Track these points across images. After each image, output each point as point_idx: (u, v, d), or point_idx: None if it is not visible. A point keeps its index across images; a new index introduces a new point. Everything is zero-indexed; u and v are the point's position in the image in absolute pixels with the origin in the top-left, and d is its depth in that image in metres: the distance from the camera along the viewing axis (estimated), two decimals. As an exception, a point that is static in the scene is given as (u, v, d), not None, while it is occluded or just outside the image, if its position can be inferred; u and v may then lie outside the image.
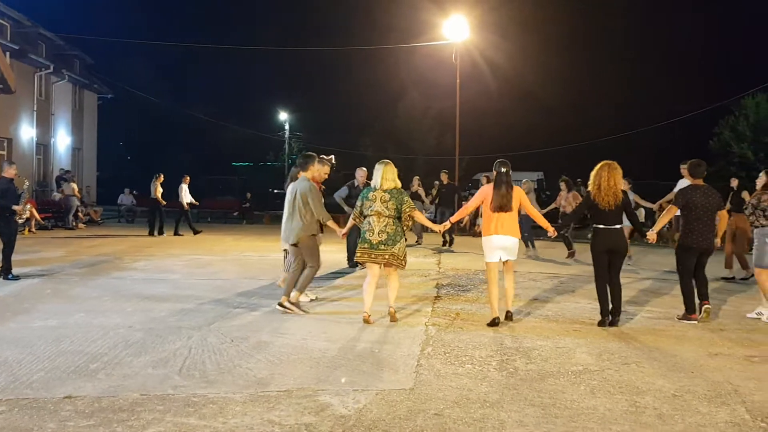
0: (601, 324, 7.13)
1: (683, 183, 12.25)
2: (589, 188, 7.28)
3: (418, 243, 16.16)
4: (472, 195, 8.60)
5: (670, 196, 12.67)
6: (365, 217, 7.09)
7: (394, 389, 4.88)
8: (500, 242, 7.16)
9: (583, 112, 49.12)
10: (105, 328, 6.61)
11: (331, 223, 7.60)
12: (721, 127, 31.47)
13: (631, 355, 5.95)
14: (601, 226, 7.20)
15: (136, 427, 4.05)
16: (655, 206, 12.85)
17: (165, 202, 18.87)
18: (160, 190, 18.66)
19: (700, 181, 7.58)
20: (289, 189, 7.77)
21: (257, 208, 29.44)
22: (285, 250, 8.36)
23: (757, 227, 7.89)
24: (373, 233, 6.97)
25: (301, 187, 7.52)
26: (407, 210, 7.02)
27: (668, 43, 56.66)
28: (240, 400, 4.58)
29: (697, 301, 7.46)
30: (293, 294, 7.54)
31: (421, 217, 7.52)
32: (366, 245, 7.01)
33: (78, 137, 31.42)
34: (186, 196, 18.68)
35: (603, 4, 60.36)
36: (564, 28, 60.86)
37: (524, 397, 4.75)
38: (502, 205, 7.10)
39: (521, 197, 7.30)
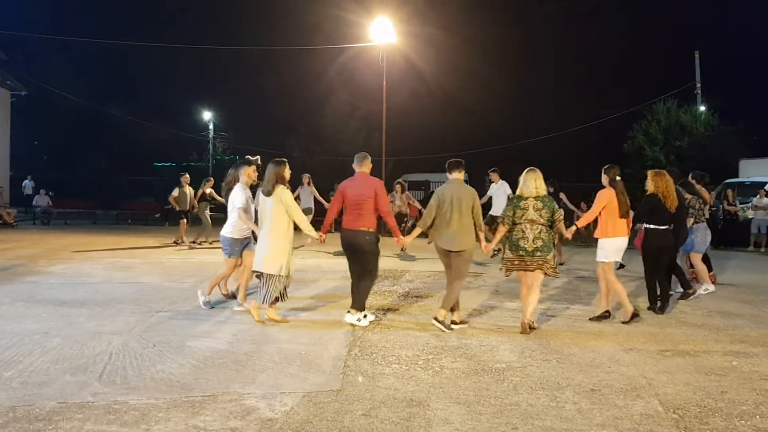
0: (650, 309, 8.14)
1: (495, 188, 13.47)
2: (656, 191, 7.91)
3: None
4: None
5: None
6: (515, 225, 7.01)
7: (321, 391, 4.88)
8: (624, 244, 7.62)
9: (507, 116, 50.21)
10: (19, 335, 6.34)
11: (481, 233, 7.42)
12: (635, 130, 32.77)
13: (551, 352, 6.14)
14: (653, 226, 7.93)
15: (54, 436, 3.92)
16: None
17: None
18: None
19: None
20: (446, 194, 7.19)
21: (181, 210, 28.68)
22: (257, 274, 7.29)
23: (698, 222, 9.40)
24: (527, 241, 6.92)
25: (468, 192, 7.22)
26: (558, 217, 7.04)
27: (587, 50, 58.55)
28: (163, 406, 4.48)
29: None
30: (441, 312, 7.09)
31: (562, 227, 7.31)
32: (522, 253, 6.93)
33: (-11, 136, 30.01)
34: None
35: (527, 12, 62.01)
36: (489, 34, 62.11)
37: (450, 395, 4.83)
38: (628, 211, 7.52)
39: None
